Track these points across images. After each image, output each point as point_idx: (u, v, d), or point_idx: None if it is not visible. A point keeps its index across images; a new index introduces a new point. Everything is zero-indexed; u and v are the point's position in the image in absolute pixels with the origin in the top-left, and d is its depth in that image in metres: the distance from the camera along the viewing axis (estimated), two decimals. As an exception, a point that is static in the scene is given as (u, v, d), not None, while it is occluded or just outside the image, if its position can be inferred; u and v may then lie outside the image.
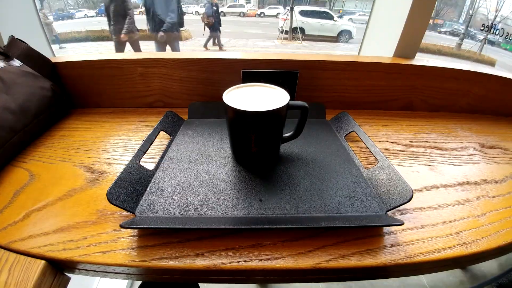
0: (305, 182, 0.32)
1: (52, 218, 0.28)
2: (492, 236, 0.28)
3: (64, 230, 0.26)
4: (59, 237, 0.26)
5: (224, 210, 0.28)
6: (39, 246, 0.25)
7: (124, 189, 0.28)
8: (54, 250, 0.24)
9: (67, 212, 0.29)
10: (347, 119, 0.44)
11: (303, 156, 0.37)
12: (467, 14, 7.61)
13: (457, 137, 0.47)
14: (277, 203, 0.29)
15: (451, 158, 0.41)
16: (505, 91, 0.54)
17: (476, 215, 0.30)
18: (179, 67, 0.48)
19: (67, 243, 0.25)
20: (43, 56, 0.46)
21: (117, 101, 0.52)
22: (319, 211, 0.28)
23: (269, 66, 0.48)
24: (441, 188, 0.34)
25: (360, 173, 0.34)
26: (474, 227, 0.29)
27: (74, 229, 0.26)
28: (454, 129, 0.49)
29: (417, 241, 0.27)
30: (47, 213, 0.28)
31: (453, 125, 0.51)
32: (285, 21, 6.41)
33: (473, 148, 0.44)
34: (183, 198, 0.29)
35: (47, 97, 0.43)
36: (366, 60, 0.50)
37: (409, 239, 0.27)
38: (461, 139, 0.46)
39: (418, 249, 0.26)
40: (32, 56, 0.44)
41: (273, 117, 0.31)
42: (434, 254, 0.26)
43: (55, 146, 0.40)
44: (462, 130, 0.49)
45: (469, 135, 0.48)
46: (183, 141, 0.40)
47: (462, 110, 0.56)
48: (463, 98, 0.54)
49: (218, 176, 0.33)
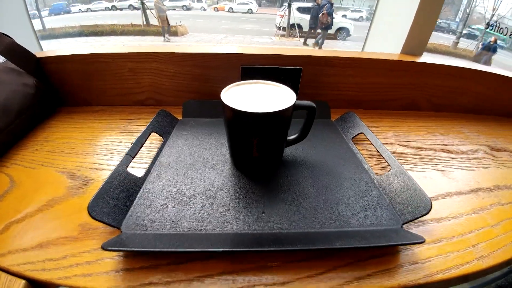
0: (311, 191, 0.29)
1: (32, 232, 0.25)
2: (506, 246, 0.26)
3: (43, 247, 0.24)
4: (39, 255, 0.23)
5: (223, 225, 0.25)
6: (19, 263, 0.22)
7: (109, 201, 0.25)
8: (33, 270, 0.22)
9: (47, 225, 0.26)
10: (354, 120, 0.41)
11: (308, 161, 0.34)
12: (464, 12, 7.63)
13: (466, 139, 0.45)
14: (282, 216, 0.26)
15: (463, 162, 0.39)
16: None
17: (492, 224, 0.29)
18: (172, 61, 0.45)
19: (47, 262, 0.22)
20: (27, 51, 0.42)
21: (105, 99, 0.48)
22: (329, 225, 0.25)
23: (269, 61, 0.45)
24: (455, 196, 0.32)
25: (371, 180, 0.31)
26: (490, 237, 0.27)
27: (54, 246, 0.24)
28: (462, 130, 0.47)
29: (435, 257, 0.24)
30: (26, 225, 0.25)
31: (460, 126, 0.49)
32: (282, 17, 6.34)
33: (483, 151, 0.42)
34: (175, 210, 0.26)
35: (31, 95, 0.39)
36: (373, 57, 0.47)
37: (428, 255, 0.24)
38: (470, 141, 0.44)
39: (437, 266, 0.24)
40: (16, 51, 0.40)
41: (278, 119, 0.27)
42: (453, 270, 0.23)
43: (38, 149, 0.36)
44: (470, 132, 0.47)
45: (477, 137, 0.46)
46: (176, 143, 0.36)
47: (466, 110, 0.54)
48: (468, 98, 0.52)
49: (215, 184, 0.29)
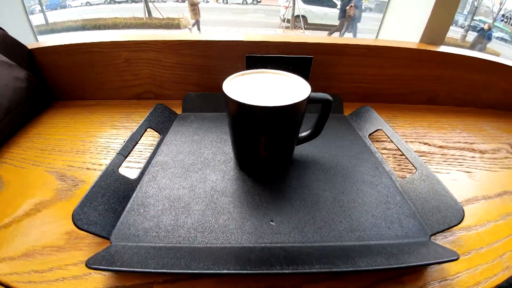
0: (326, 196, 0.26)
1: (19, 239, 0.23)
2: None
3: (29, 256, 0.22)
4: (25, 265, 0.21)
5: (226, 237, 0.21)
6: (6, 273, 0.20)
7: (97, 207, 0.22)
8: (20, 281, 0.20)
9: (34, 231, 0.23)
10: (371, 115, 0.37)
11: (321, 161, 0.31)
12: (472, 5, 7.37)
13: (488, 137, 0.41)
14: (293, 225, 0.23)
15: (487, 162, 0.35)
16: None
17: (517, 231, 0.26)
18: (171, 51, 0.41)
19: (33, 274, 0.20)
20: (19, 42, 0.39)
21: (101, 92, 0.45)
22: (349, 238, 0.22)
23: (276, 50, 0.41)
24: (483, 200, 0.29)
25: (393, 183, 0.28)
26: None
27: (40, 256, 0.22)
28: (484, 127, 0.44)
29: (465, 272, 0.22)
30: (14, 231, 0.23)
31: (482, 122, 0.45)
32: (287, 8, 6.18)
33: (506, 150, 0.38)
34: (172, 218, 0.23)
35: (22, 89, 0.37)
36: (391, 45, 0.43)
37: (457, 270, 0.22)
38: (492, 139, 0.41)
39: (467, 281, 0.21)
40: (7, 43, 0.38)
41: (290, 115, 0.24)
42: (481, 285, 0.21)
43: (28, 146, 0.34)
44: (492, 129, 0.43)
45: (500, 135, 0.42)
46: (175, 140, 0.33)
47: (487, 106, 0.50)
48: (491, 93, 0.48)
49: (217, 188, 0.26)
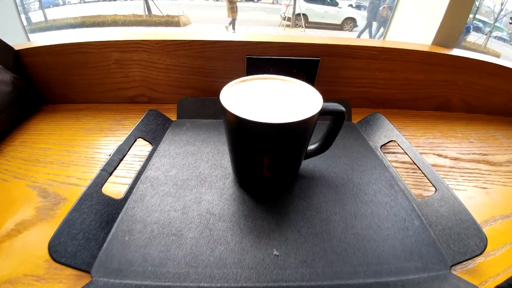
0: (337, 221, 0.23)
1: (1, 262, 0.21)
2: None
3: (12, 283, 0.19)
4: None
5: (222, 273, 0.19)
6: None
7: (76, 236, 0.19)
8: None
9: (14, 256, 0.21)
10: (382, 123, 0.34)
11: (329, 176, 0.28)
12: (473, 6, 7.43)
13: (501, 147, 0.38)
14: (300, 258, 0.20)
15: (501, 176, 0.33)
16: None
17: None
18: (165, 52, 0.38)
19: None
20: (4, 43, 0.37)
21: (91, 96, 0.42)
22: (364, 274, 0.19)
23: (280, 52, 0.38)
24: (500, 220, 0.27)
25: (410, 205, 0.25)
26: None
27: (22, 286, 0.19)
28: (496, 135, 0.41)
29: None
30: None
31: (494, 130, 0.43)
32: (287, 7, 6.11)
33: None
34: (161, 248, 0.20)
35: (7, 93, 0.34)
36: (404, 47, 0.40)
37: None
38: (506, 149, 0.38)
39: None
40: None
41: (298, 132, 0.21)
42: None
43: (13, 156, 0.31)
44: (504, 138, 0.41)
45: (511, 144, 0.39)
46: (168, 152, 0.30)
47: (497, 112, 0.47)
48: (501, 98, 0.46)
49: (213, 210, 0.23)
